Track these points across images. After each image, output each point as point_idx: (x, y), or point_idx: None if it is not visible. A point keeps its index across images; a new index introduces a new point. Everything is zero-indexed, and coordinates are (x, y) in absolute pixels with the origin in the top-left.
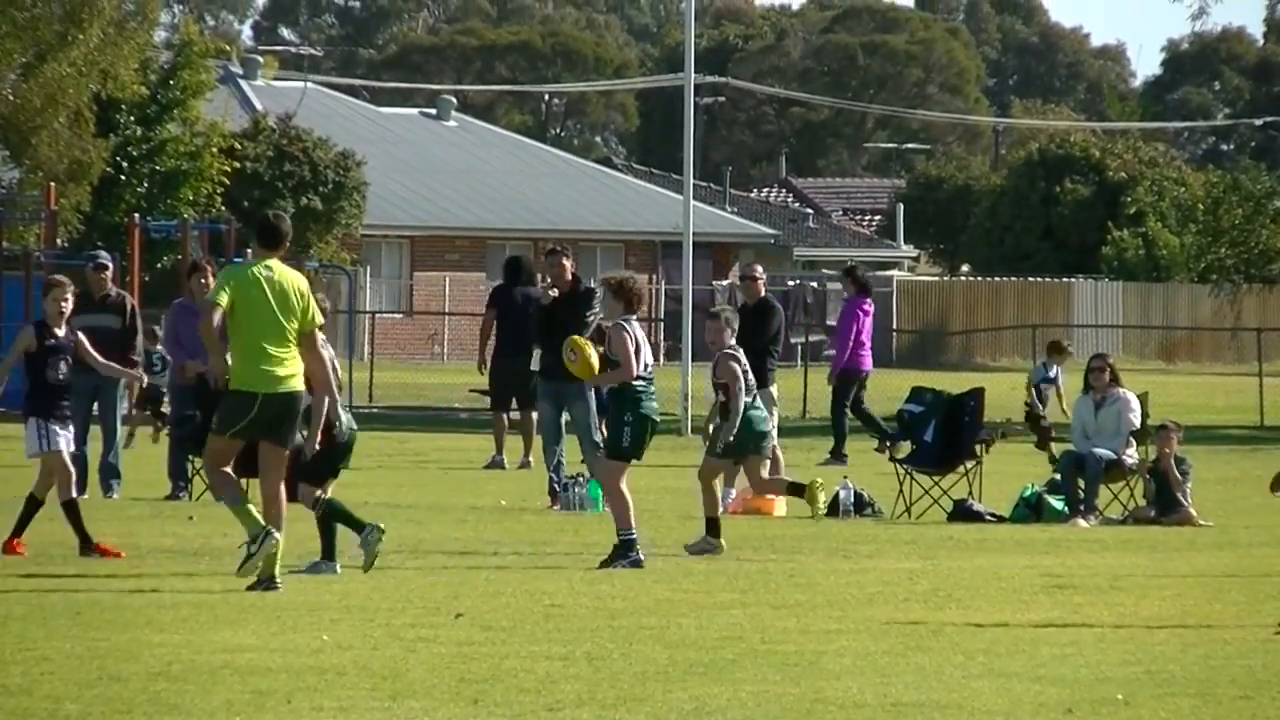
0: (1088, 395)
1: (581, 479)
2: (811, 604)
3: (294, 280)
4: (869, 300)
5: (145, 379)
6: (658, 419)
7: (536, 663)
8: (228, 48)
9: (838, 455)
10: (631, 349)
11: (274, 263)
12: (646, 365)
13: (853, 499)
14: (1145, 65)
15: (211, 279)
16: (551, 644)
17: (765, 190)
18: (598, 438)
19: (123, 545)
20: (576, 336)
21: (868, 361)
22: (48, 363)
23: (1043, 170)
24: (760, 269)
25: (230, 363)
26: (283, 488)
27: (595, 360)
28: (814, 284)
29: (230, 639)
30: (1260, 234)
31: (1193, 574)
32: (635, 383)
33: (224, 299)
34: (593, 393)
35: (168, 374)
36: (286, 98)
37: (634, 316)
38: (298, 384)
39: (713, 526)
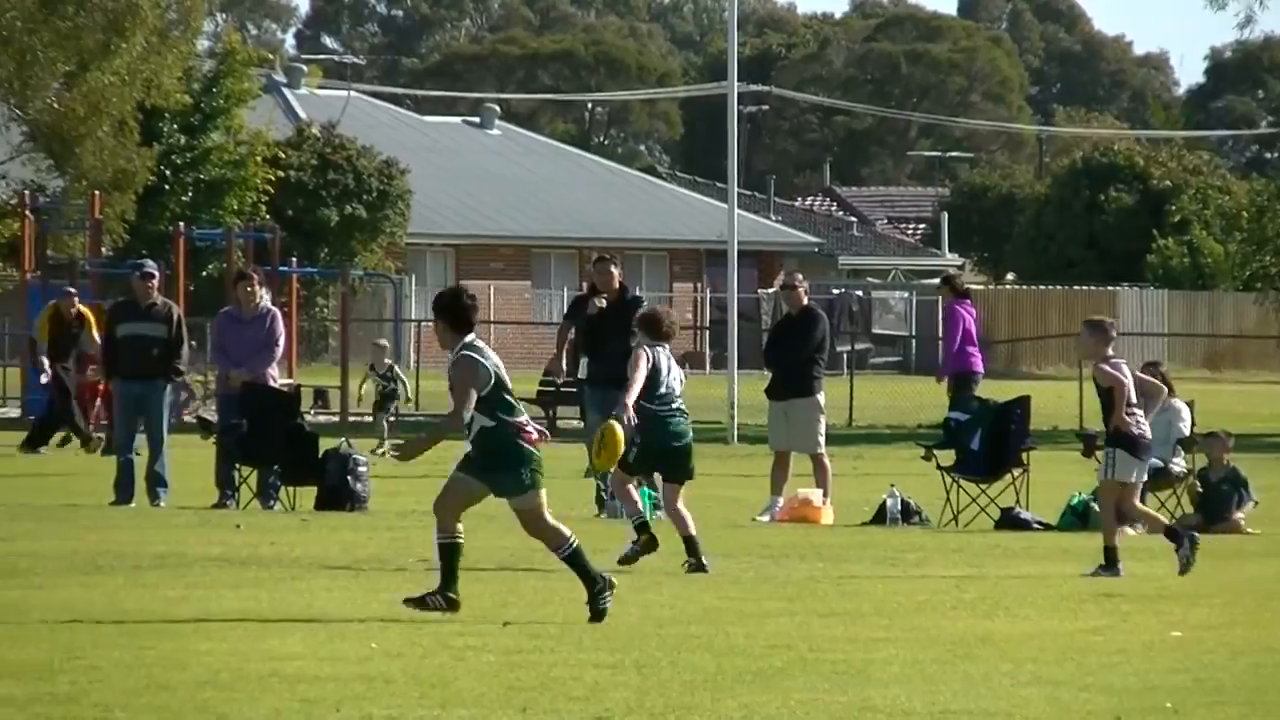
0: None
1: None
2: (859, 612)
3: None
4: (969, 303)
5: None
6: (679, 442)
7: (585, 671)
8: (271, 56)
9: None
10: (643, 371)
11: None
12: (671, 389)
13: (900, 507)
14: (1188, 74)
15: (257, 288)
16: (600, 652)
17: (809, 199)
18: None
19: (170, 554)
20: (615, 429)
21: (979, 363)
22: None
23: (1087, 179)
24: (801, 277)
25: None
26: None
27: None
28: (859, 292)
29: (278, 647)
30: None
31: (1241, 582)
32: (658, 406)
33: None
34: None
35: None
36: (330, 106)
37: (662, 344)
38: None
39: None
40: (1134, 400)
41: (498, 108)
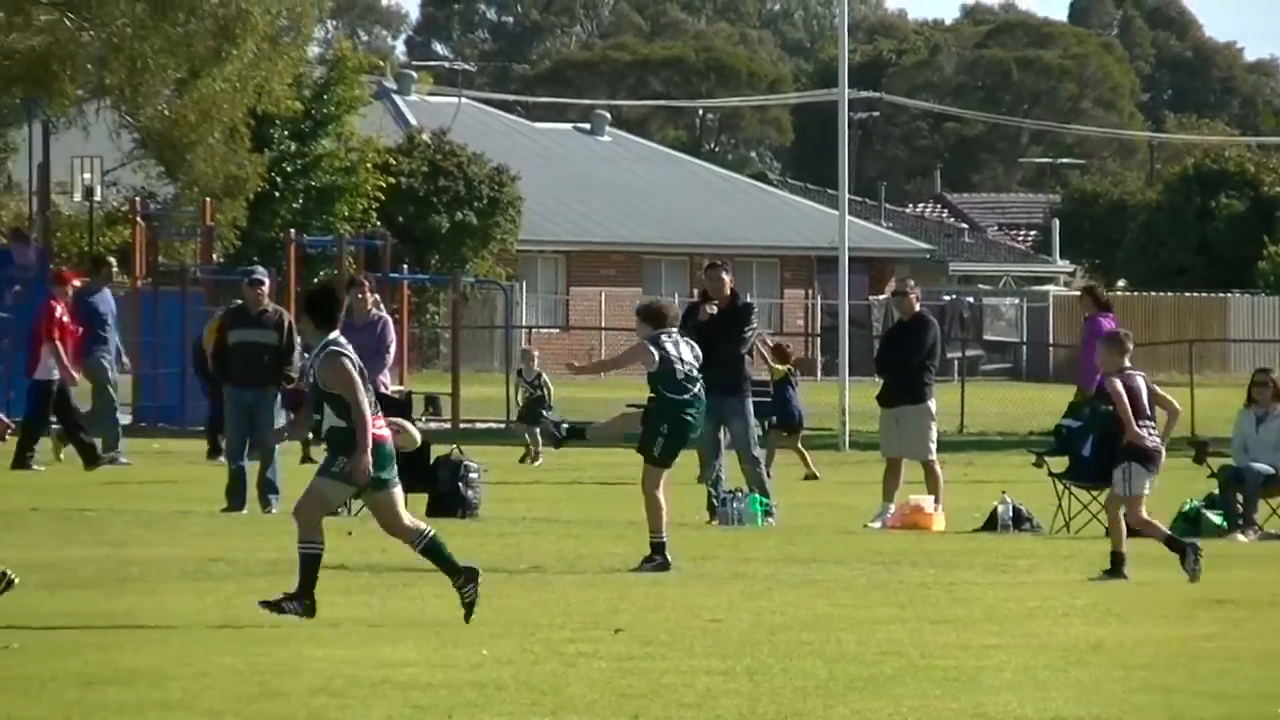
0: (1250, 410)
1: (740, 494)
2: (970, 619)
3: None
4: (1111, 316)
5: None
6: (695, 434)
7: (696, 678)
8: (381, 63)
9: None
10: (633, 357)
11: None
12: (689, 369)
13: (1011, 514)
14: None
15: (368, 295)
16: (711, 659)
17: (920, 205)
18: (758, 453)
19: (282, 560)
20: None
21: None
22: None
23: (1198, 185)
24: (913, 283)
25: None
26: None
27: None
28: (969, 299)
29: (390, 654)
30: None
31: None
32: (678, 395)
33: None
34: (750, 407)
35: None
36: (440, 113)
37: (664, 332)
38: None
39: None
40: (1147, 413)
41: (608, 114)
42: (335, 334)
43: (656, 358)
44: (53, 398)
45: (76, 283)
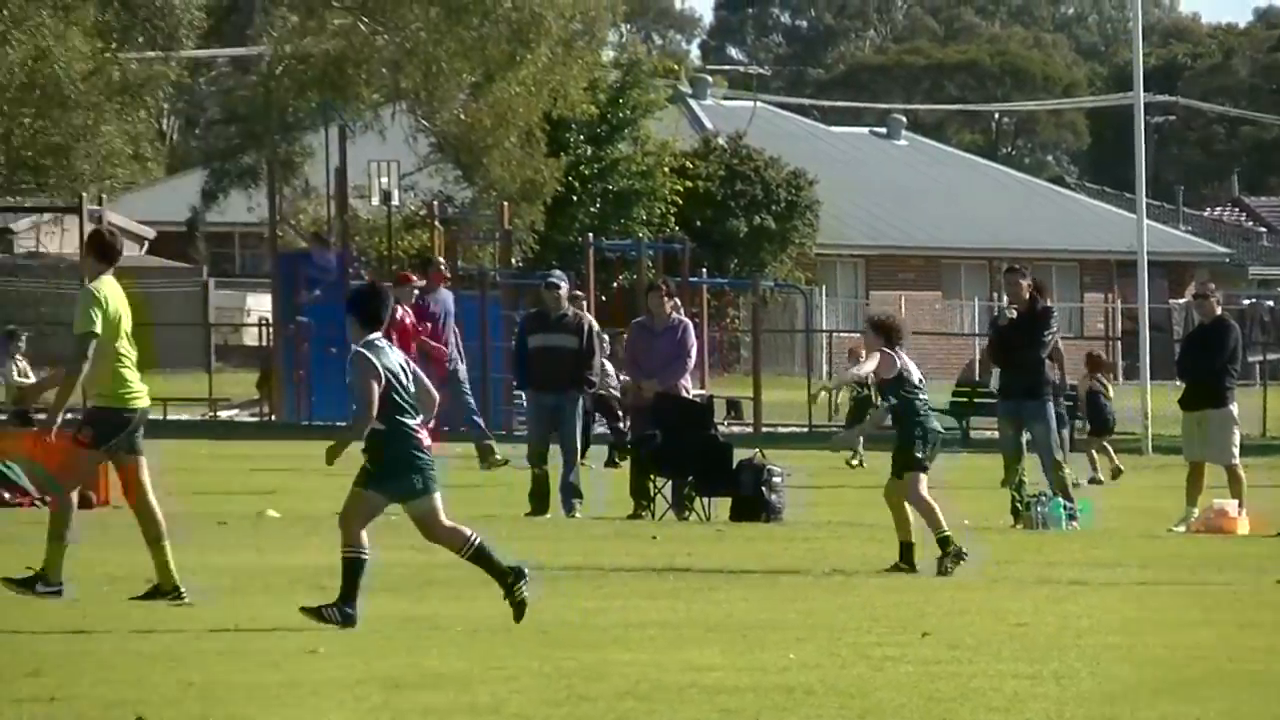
0: None
1: (1044, 498)
2: (1277, 622)
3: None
4: None
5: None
6: (941, 431)
7: (1004, 682)
8: (676, 67)
9: None
10: (873, 366)
11: (113, 279)
12: (920, 376)
13: None
14: None
15: (668, 299)
16: (1018, 663)
17: (1218, 209)
18: (1060, 455)
19: (585, 565)
20: None
21: None
22: None
23: None
24: (1214, 286)
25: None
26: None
27: None
28: (1269, 302)
29: (696, 658)
30: None
31: None
32: (911, 394)
33: (98, 327)
34: (1052, 411)
35: (626, 395)
36: (736, 117)
37: (897, 346)
38: None
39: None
40: None
41: (904, 118)
42: (377, 334)
43: (898, 365)
44: None
45: (420, 284)
